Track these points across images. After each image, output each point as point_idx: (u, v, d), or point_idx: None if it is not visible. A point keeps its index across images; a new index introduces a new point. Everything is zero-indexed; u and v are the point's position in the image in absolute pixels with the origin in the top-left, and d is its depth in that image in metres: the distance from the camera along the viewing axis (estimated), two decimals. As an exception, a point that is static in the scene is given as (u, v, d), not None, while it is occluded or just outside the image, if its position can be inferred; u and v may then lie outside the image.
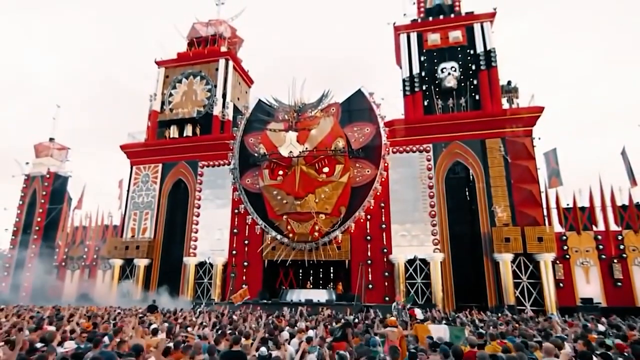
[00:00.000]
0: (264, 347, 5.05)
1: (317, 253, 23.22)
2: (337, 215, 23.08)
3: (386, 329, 5.99)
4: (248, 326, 8.59)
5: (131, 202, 28.56)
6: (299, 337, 6.22)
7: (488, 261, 21.10)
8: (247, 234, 25.23)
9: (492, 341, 5.68)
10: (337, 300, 21.73)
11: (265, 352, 4.71)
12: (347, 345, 5.47)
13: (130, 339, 5.09)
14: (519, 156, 21.90)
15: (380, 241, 22.91)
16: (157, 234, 27.40)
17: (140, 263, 26.67)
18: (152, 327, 7.10)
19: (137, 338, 5.32)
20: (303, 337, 6.00)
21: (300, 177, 22.12)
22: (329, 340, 5.72)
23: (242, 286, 23.77)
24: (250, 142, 25.80)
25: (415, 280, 21.98)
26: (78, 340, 5.22)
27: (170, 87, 30.71)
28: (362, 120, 24.28)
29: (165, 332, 6.89)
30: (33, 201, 32.93)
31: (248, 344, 5.28)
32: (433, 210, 22.49)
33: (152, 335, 6.45)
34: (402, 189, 23.26)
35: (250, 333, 6.29)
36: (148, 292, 25.65)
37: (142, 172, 28.95)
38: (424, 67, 25.62)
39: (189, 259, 25.91)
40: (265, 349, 4.87)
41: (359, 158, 23.52)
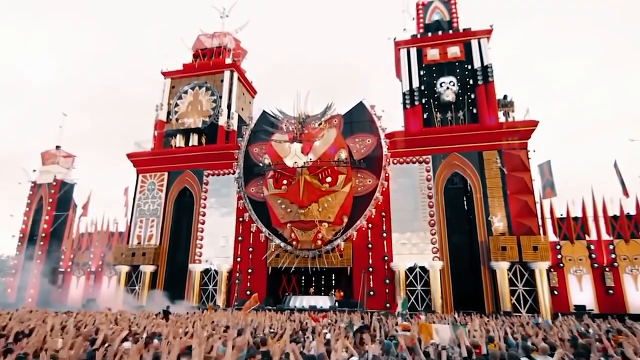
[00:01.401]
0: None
1: (320, 260, 23.94)
2: (339, 224, 23.85)
3: (400, 333, 6.72)
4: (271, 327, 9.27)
5: (137, 209, 29.22)
6: (318, 339, 6.94)
7: (485, 269, 21.89)
8: (251, 241, 25.93)
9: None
10: (339, 307, 22.36)
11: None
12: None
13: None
14: (514, 168, 22.79)
15: (381, 249, 23.67)
16: (162, 241, 28.04)
17: (146, 269, 27.28)
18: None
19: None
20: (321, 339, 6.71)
21: (304, 186, 22.88)
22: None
23: (245, 292, 24.50)
24: (254, 152, 26.60)
25: (415, 288, 22.72)
26: (132, 341, 5.85)
27: (176, 97, 31.52)
28: (364, 131, 25.17)
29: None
30: (39, 208, 33.50)
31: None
32: (432, 219, 23.31)
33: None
34: (402, 199, 24.07)
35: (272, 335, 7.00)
36: (153, 297, 26.21)
37: (148, 180, 29.65)
38: (424, 81, 26.58)
39: (195, 266, 26.56)
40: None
41: (360, 168, 24.37)
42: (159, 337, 5.99)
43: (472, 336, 6.84)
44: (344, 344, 4.44)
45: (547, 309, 20.27)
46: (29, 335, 5.60)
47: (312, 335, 7.44)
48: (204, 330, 7.55)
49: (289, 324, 9.21)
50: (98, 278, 31.21)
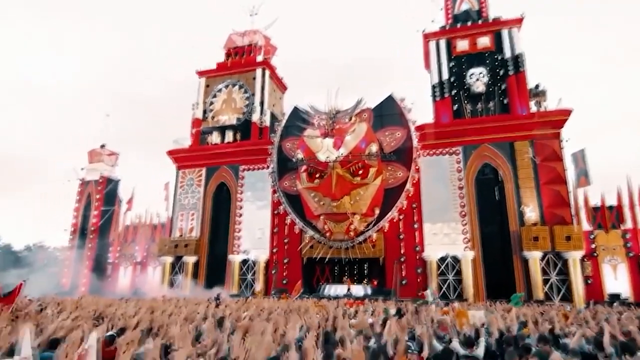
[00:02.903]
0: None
1: (353, 251, 24.80)
2: (371, 216, 24.60)
3: (441, 317, 7.53)
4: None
5: (178, 203, 30.92)
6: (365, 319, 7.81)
7: (517, 259, 22.17)
8: (286, 233, 27.08)
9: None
10: (372, 295, 23.21)
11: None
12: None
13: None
14: (547, 158, 22.79)
15: (413, 240, 24.29)
16: (203, 233, 29.63)
17: (189, 260, 28.99)
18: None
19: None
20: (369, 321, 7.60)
21: (336, 180, 23.72)
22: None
23: (282, 281, 25.84)
24: (287, 147, 27.60)
25: (447, 277, 23.28)
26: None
27: (211, 95, 32.89)
28: (394, 124, 25.67)
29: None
30: (88, 204, 35.90)
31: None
32: (463, 210, 23.69)
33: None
34: (433, 190, 24.50)
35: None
36: (196, 286, 27.88)
37: (187, 175, 31.25)
38: (453, 72, 26.71)
39: (234, 257, 28.02)
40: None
41: (391, 161, 24.97)
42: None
43: (505, 320, 7.52)
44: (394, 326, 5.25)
45: (580, 297, 20.43)
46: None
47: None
48: (261, 314, 8.56)
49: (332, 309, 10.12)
50: (144, 268, 33.30)
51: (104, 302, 10.50)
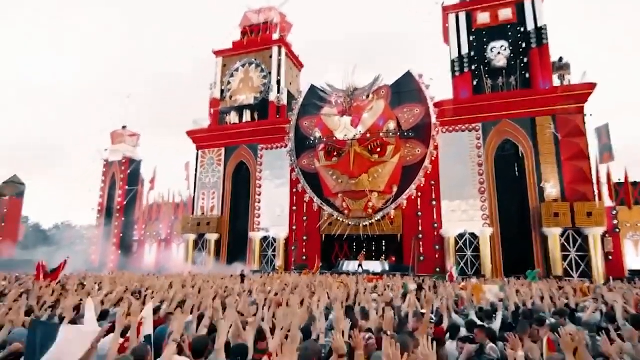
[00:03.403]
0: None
1: (371, 228, 25.11)
2: (389, 193, 24.75)
3: (460, 292, 7.83)
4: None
5: (199, 182, 31.65)
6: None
7: (537, 235, 22.12)
8: (305, 210, 27.53)
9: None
10: (390, 271, 23.62)
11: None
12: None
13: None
14: (569, 133, 22.33)
15: (431, 216, 24.42)
16: (224, 211, 30.38)
17: (211, 237, 29.86)
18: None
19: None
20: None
21: (354, 158, 23.83)
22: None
23: (302, 258, 26.50)
24: (304, 126, 27.72)
25: (465, 253, 23.45)
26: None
27: (228, 75, 33.02)
28: (412, 101, 25.41)
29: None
30: (113, 184, 37.05)
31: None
32: (482, 187, 23.58)
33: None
34: (452, 167, 24.38)
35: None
36: (218, 263, 28.83)
37: (207, 155, 31.82)
38: (473, 46, 26.09)
39: (254, 234, 28.74)
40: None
41: (409, 138, 24.86)
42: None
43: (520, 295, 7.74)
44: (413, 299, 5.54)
45: (600, 273, 20.39)
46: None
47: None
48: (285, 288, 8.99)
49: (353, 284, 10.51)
50: (168, 246, 34.49)
51: (137, 277, 11.12)
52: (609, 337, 3.52)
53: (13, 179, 42.92)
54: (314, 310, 4.81)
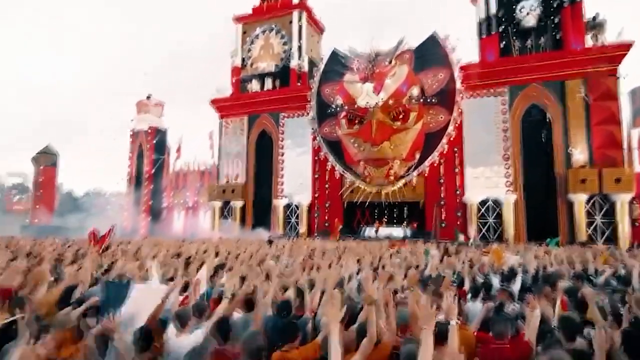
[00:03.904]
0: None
1: (393, 194, 25.33)
2: (411, 160, 24.75)
3: (482, 257, 8.14)
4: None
5: (223, 151, 32.31)
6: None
7: (562, 201, 21.92)
8: (327, 178, 27.92)
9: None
10: (412, 237, 24.01)
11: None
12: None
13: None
14: (601, 96, 21.56)
15: (454, 183, 24.42)
16: (248, 179, 31.10)
17: (236, 204, 30.79)
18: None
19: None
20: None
21: (376, 125, 23.77)
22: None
23: (324, 224, 27.14)
24: (326, 93, 27.59)
25: (487, 220, 23.53)
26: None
27: (248, 42, 32.82)
28: (436, 65, 24.80)
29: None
30: (140, 153, 38.18)
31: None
32: (507, 153, 23.28)
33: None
34: (476, 133, 24.04)
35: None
36: (244, 229, 29.82)
37: (230, 124, 32.26)
38: (502, 5, 24.99)
39: (278, 201, 29.46)
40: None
41: (432, 104, 24.51)
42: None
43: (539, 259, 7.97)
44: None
45: (626, 239, 20.22)
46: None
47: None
48: (312, 253, 9.47)
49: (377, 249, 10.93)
50: (195, 212, 35.76)
51: (173, 243, 11.85)
52: (623, 299, 3.77)
53: (46, 149, 44.61)
54: (343, 272, 5.20)
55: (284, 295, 3.73)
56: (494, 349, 2.68)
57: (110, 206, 47.09)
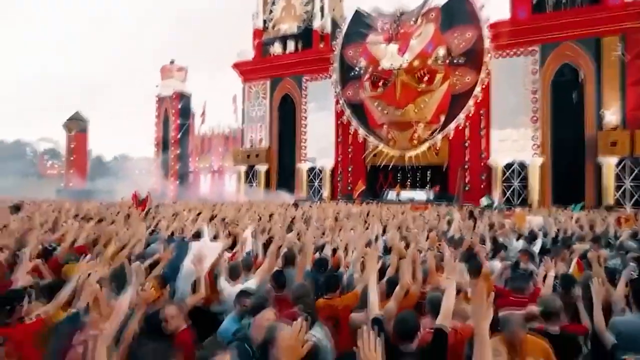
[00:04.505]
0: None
1: (416, 158, 25.32)
2: (436, 123, 24.49)
3: (504, 220, 8.38)
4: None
5: (246, 115, 32.65)
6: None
7: (590, 164, 21.48)
8: (350, 141, 28.02)
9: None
10: (434, 200, 24.17)
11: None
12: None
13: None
14: (638, 55, 20.49)
15: (479, 146, 24.15)
16: (271, 143, 31.54)
17: (261, 168, 31.46)
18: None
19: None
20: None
21: (400, 88, 23.42)
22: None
23: (347, 187, 27.53)
24: (349, 55, 27.16)
25: (512, 183, 23.37)
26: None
27: (270, 4, 32.22)
28: (464, 23, 23.93)
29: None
30: (166, 119, 38.97)
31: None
32: (535, 115, 22.70)
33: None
34: (503, 95, 23.41)
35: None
36: (268, 192, 30.56)
37: (253, 88, 32.38)
38: (536, -43, 23.51)
39: (301, 165, 29.91)
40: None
41: (459, 65, 23.87)
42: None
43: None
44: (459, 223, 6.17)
45: (657, 203, 19.85)
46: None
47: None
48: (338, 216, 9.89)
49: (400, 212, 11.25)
50: (220, 176, 36.73)
51: (207, 206, 12.48)
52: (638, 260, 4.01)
53: (76, 115, 45.84)
54: (370, 233, 5.58)
55: (318, 254, 4.13)
56: (513, 301, 3.00)
57: (138, 170, 48.53)
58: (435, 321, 2.24)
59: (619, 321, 2.69)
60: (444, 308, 2.24)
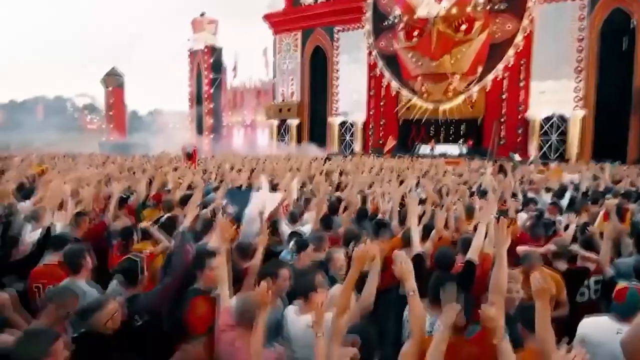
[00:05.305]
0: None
1: (450, 111, 24.84)
2: (472, 74, 23.71)
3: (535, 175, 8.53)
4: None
5: (278, 69, 32.57)
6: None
7: (636, 117, 20.48)
8: (382, 94, 27.67)
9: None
10: (467, 155, 23.92)
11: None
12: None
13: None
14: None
15: (517, 98, 23.36)
16: (303, 97, 31.58)
17: (292, 122, 31.79)
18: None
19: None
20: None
21: (436, 37, 22.64)
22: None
23: (378, 142, 27.58)
24: (383, 3, 26.19)
25: (550, 137, 22.71)
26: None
27: (299, -51, 30.96)
28: (506, -34, 22.42)
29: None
30: (199, 73, 39.36)
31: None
32: (580, 65, 21.53)
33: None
34: (547, 43, 22.19)
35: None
36: (300, 146, 31.00)
37: (284, 40, 32.00)
38: None
39: (333, 119, 29.97)
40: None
41: (500, 12, 22.67)
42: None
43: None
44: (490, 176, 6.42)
45: None
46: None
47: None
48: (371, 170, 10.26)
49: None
50: (253, 130, 37.37)
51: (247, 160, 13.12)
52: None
53: (113, 71, 46.95)
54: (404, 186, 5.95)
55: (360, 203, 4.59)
56: (530, 245, 3.39)
57: (172, 125, 49.78)
58: (466, 256, 2.70)
59: (620, 261, 3.13)
60: (474, 246, 2.68)
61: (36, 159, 11.14)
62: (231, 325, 1.96)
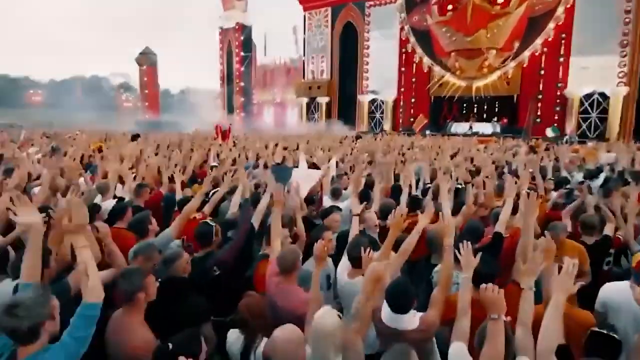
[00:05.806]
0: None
1: (485, 88, 24.19)
2: (509, 50, 22.92)
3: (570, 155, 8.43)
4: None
5: (308, 46, 32.43)
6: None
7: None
8: (414, 71, 27.20)
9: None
10: (501, 133, 23.35)
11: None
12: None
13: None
14: None
15: (556, 75, 22.47)
16: (333, 75, 31.45)
17: (322, 100, 31.82)
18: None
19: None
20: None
21: (472, 11, 21.94)
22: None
23: (409, 120, 27.21)
24: (417, -24, 25.42)
25: (590, 115, 21.84)
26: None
27: None
28: None
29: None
30: (229, 51, 39.70)
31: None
32: (625, 39, 20.37)
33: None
34: (590, 16, 21.02)
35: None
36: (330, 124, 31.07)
37: (314, 17, 31.71)
38: None
39: (363, 96, 29.79)
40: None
41: (540, -17, 21.60)
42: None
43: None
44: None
45: None
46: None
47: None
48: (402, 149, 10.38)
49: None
50: (283, 109, 37.61)
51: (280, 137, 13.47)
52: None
53: (146, 50, 47.94)
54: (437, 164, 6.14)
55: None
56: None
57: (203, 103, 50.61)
58: (495, 228, 2.96)
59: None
60: (501, 220, 2.93)
61: (89, 137, 11.96)
62: (276, 272, 2.40)
